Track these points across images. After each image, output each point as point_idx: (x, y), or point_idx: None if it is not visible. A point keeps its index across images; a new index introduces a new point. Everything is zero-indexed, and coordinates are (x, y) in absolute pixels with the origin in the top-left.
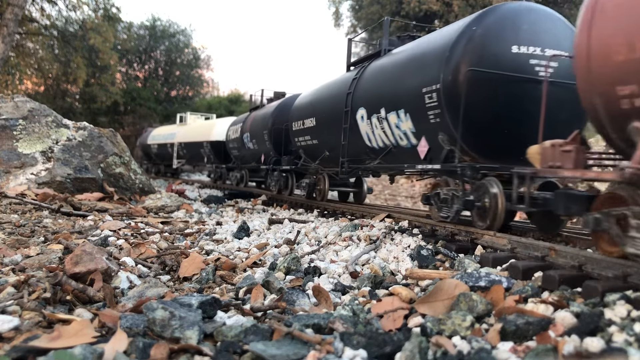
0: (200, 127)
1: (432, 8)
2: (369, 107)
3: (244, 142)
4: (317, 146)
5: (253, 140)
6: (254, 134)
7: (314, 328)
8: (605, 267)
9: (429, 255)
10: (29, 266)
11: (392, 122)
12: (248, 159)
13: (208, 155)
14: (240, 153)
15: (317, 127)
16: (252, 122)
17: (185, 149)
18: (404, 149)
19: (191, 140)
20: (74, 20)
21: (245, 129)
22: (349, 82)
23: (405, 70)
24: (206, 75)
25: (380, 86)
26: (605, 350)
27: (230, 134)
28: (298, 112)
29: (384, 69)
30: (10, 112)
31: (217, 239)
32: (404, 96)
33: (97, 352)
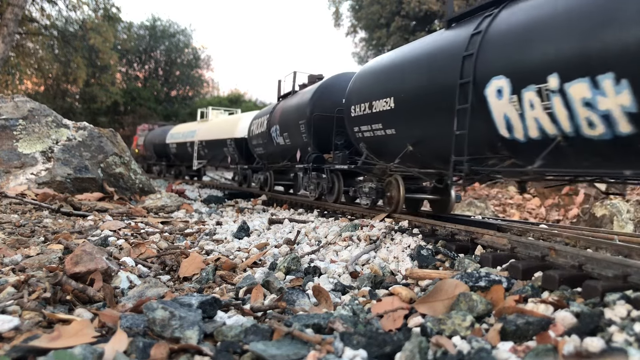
0: (223, 123)
1: (432, 8)
2: (516, 75)
3: (272, 137)
4: (393, 138)
5: (284, 134)
6: (285, 126)
7: (314, 328)
8: (605, 267)
9: (429, 255)
10: (29, 266)
11: (576, 96)
12: (276, 157)
13: (232, 155)
14: (266, 151)
15: (397, 111)
16: (283, 112)
17: (206, 148)
18: (594, 142)
19: (213, 138)
20: (74, 20)
21: (273, 121)
22: (464, 40)
23: None
24: (206, 75)
25: (550, 39)
26: (605, 350)
27: (254, 128)
28: (360, 91)
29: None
30: (10, 112)
31: (217, 239)
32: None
33: (97, 352)
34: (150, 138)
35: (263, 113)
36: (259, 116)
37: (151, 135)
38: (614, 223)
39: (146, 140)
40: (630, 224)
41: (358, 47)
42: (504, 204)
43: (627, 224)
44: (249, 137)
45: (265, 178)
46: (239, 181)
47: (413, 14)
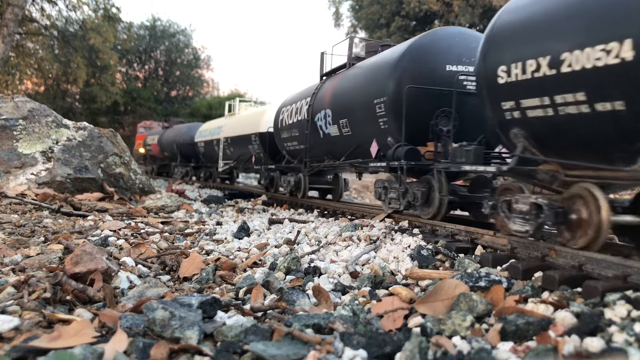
0: (248, 117)
1: (432, 8)
2: None
3: (317, 127)
4: (608, 120)
5: (341, 122)
6: (343, 109)
7: (314, 328)
8: (605, 267)
9: (429, 255)
10: (29, 266)
11: None
12: (323, 153)
13: (257, 153)
14: (306, 145)
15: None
16: (338, 92)
17: (232, 146)
18: None
19: (238, 134)
20: (74, 20)
21: (319, 106)
22: None
23: None
24: (206, 75)
25: None
26: (605, 350)
27: (284, 117)
28: (527, 36)
29: None
30: (10, 112)
31: (217, 239)
32: None
33: (97, 352)
34: (171, 136)
35: (298, 97)
36: (292, 102)
37: (172, 133)
38: None
39: (162, 139)
40: None
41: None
42: None
43: None
44: (277, 130)
45: (296, 181)
46: (265, 185)
47: (413, 14)
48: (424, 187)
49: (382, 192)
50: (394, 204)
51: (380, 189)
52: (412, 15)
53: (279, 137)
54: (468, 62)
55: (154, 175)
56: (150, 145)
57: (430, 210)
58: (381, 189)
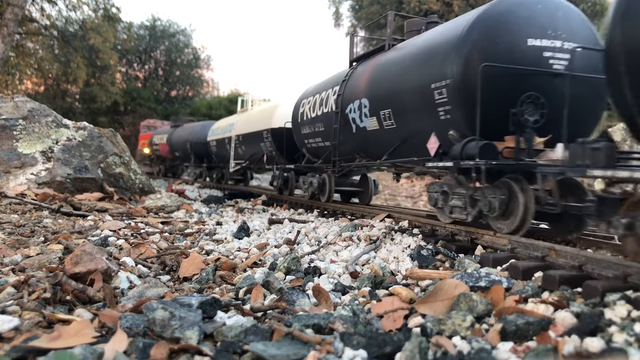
0: (260, 112)
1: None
2: None
3: (349, 120)
4: None
5: (383, 113)
6: (384, 99)
7: (314, 328)
8: (605, 267)
9: (429, 255)
10: (29, 266)
11: None
12: (357, 150)
13: (269, 152)
14: (335, 141)
15: None
16: (377, 77)
17: (243, 144)
18: None
19: (249, 131)
20: (74, 20)
21: (351, 95)
22: None
23: None
24: (206, 75)
25: None
26: (605, 350)
27: (305, 110)
28: None
29: None
30: (10, 112)
31: (217, 239)
32: None
33: (97, 352)
34: (183, 135)
35: (323, 86)
36: (315, 92)
37: (184, 132)
38: None
39: (172, 138)
40: None
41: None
42: None
43: None
44: (297, 125)
45: (321, 183)
46: (278, 187)
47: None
48: (503, 194)
49: (440, 199)
50: (458, 213)
51: (437, 195)
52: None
53: (299, 132)
54: (554, 35)
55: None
56: (158, 144)
57: (510, 222)
58: (438, 194)
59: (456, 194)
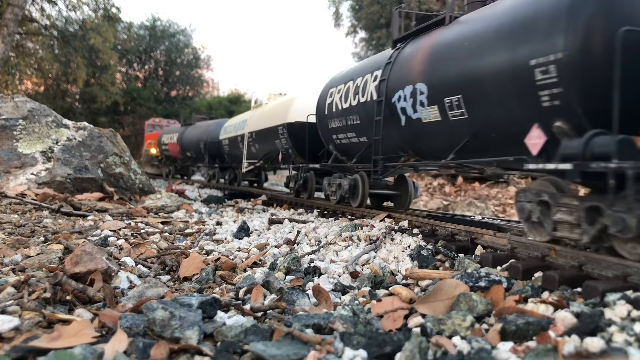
0: (276, 106)
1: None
2: None
3: (397, 111)
4: None
5: (449, 100)
6: (457, 81)
7: (314, 328)
8: (605, 267)
9: (429, 255)
10: (29, 266)
11: None
12: (399, 146)
13: (285, 149)
14: (375, 135)
15: None
16: (442, 54)
17: (257, 141)
18: None
19: (263, 127)
20: (74, 20)
21: (402, 79)
22: None
23: None
24: (206, 75)
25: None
26: (605, 350)
27: (335, 100)
28: None
29: None
30: (10, 112)
31: (217, 239)
32: None
33: (97, 352)
34: (196, 134)
35: (359, 71)
36: (347, 78)
37: (197, 131)
38: None
39: (184, 138)
40: None
41: (358, 47)
42: (504, 204)
43: None
44: (322, 117)
45: (352, 185)
46: (294, 189)
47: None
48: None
49: (537, 211)
50: (568, 231)
51: (533, 206)
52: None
53: (325, 127)
54: None
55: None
56: (168, 144)
57: None
58: (534, 204)
59: (564, 205)
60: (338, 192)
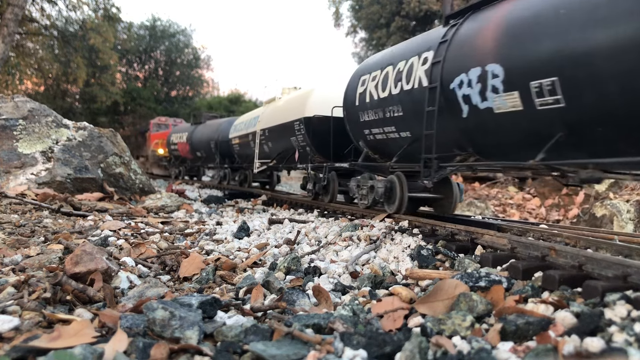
0: (292, 100)
1: (432, 8)
2: None
3: (458, 100)
4: None
5: (540, 85)
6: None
7: (314, 328)
8: (605, 267)
9: (429, 255)
10: (29, 266)
11: None
12: (456, 142)
13: (302, 147)
14: (428, 129)
15: None
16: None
17: (270, 139)
18: None
19: (277, 123)
20: (74, 20)
21: (465, 61)
22: None
23: None
24: (206, 75)
25: None
26: (605, 350)
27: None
28: None
29: None
30: (10, 112)
31: (217, 239)
32: None
33: (97, 352)
34: (207, 133)
35: (399, 54)
36: (385, 62)
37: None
38: (614, 223)
39: (194, 137)
40: (630, 224)
41: (358, 47)
42: (504, 204)
43: (627, 224)
44: (352, 109)
45: (387, 188)
46: (313, 191)
47: (413, 14)
48: None
49: None
50: None
51: None
52: (412, 15)
53: (355, 121)
54: None
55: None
56: (177, 144)
57: None
58: None
59: None
60: (370, 196)
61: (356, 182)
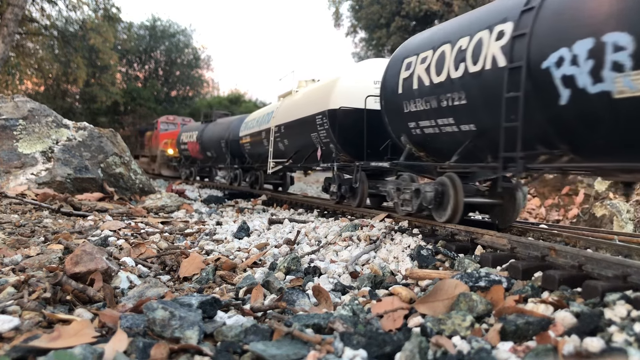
0: (313, 91)
1: (432, 8)
2: None
3: (551, 81)
4: None
5: None
6: None
7: (314, 328)
8: (605, 267)
9: (429, 255)
10: (29, 266)
11: None
12: (544, 136)
13: (324, 144)
14: (515, 120)
15: None
16: None
17: (286, 136)
18: None
19: (296, 118)
20: (74, 20)
21: (569, 32)
22: None
23: None
24: (206, 75)
25: None
26: (605, 350)
27: (415, 73)
28: None
29: None
30: (10, 112)
31: (217, 239)
32: None
33: (97, 352)
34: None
35: (463, 28)
36: (439, 40)
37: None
38: (614, 223)
39: (204, 136)
40: (630, 224)
41: (358, 47)
42: None
43: (627, 224)
44: (392, 99)
45: (438, 192)
46: (338, 194)
47: (413, 14)
48: None
49: None
50: None
51: None
52: (412, 15)
53: (396, 111)
54: None
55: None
56: (187, 143)
57: None
58: None
59: None
60: (415, 201)
61: (395, 185)
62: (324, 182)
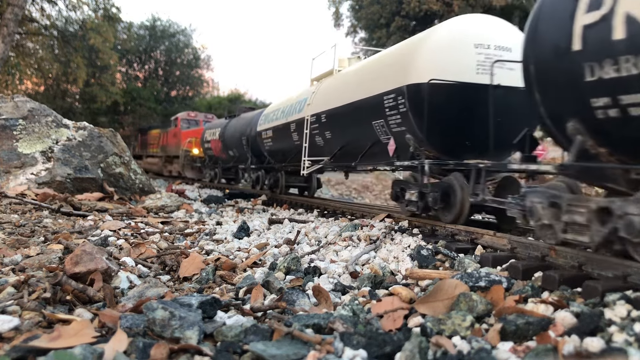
0: (381, 59)
1: (432, 8)
2: None
3: None
4: None
5: None
6: None
7: (314, 328)
8: (605, 267)
9: (429, 255)
10: (29, 266)
11: None
12: None
13: (400, 134)
14: None
15: None
16: None
17: (329, 128)
18: None
19: (349, 101)
20: (74, 20)
21: None
22: None
23: None
24: (206, 75)
25: None
26: (605, 350)
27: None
28: None
29: None
30: (10, 112)
31: (217, 239)
32: None
33: (97, 352)
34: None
35: None
36: None
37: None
38: None
39: (226, 133)
40: None
41: (358, 47)
42: None
43: None
44: (554, 62)
45: None
46: (420, 205)
47: (413, 14)
48: None
49: None
50: None
51: None
52: (412, 15)
53: (570, 80)
54: None
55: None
56: (210, 142)
57: None
58: None
59: None
60: (598, 232)
61: (546, 199)
62: (393, 186)
